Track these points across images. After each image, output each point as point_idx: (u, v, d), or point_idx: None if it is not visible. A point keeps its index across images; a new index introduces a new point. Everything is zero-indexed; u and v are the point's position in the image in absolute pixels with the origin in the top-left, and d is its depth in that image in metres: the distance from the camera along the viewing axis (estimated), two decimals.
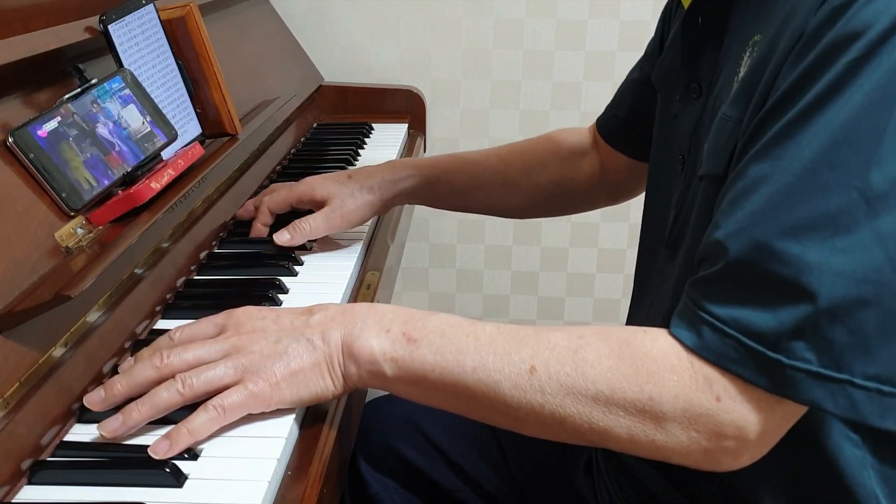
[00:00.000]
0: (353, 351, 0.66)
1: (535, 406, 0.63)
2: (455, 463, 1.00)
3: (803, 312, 0.55)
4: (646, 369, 0.60)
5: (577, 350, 0.62)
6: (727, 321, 0.58)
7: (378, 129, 1.58)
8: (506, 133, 1.81)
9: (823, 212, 0.55)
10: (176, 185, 0.87)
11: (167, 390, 0.65)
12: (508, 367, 0.63)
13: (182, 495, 0.60)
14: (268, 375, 0.65)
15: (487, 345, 0.64)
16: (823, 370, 0.56)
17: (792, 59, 0.59)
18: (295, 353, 0.66)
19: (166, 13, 1.00)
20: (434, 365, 0.65)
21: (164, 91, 0.97)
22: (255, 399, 0.65)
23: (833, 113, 0.55)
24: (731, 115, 0.65)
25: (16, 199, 0.72)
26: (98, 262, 0.71)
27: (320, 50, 1.73)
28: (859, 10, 0.55)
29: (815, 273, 0.55)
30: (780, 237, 0.56)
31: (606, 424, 0.61)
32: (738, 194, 0.59)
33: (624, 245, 1.87)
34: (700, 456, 0.61)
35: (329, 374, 0.67)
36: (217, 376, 0.65)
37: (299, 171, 1.32)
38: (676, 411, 0.59)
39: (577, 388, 0.61)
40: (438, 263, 1.92)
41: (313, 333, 0.67)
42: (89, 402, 0.67)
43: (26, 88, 0.79)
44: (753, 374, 0.57)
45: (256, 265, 0.97)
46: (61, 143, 0.77)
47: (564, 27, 1.73)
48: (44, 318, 0.67)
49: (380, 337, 0.66)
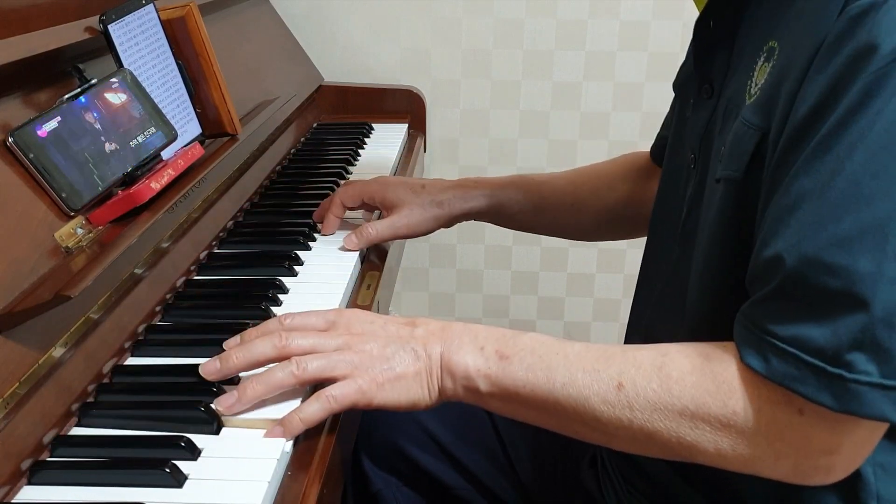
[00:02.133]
0: (450, 366, 0.70)
1: (623, 421, 0.64)
2: (458, 460, 1.00)
3: (859, 323, 0.55)
4: (728, 385, 0.61)
5: (661, 367, 0.64)
6: (787, 340, 0.58)
7: (378, 129, 1.58)
8: (506, 133, 1.81)
9: (870, 221, 0.55)
10: (176, 185, 0.87)
11: (283, 371, 0.68)
12: (597, 383, 0.65)
13: (182, 495, 0.60)
14: (375, 375, 0.69)
15: (576, 362, 0.66)
16: (885, 380, 0.56)
17: (815, 70, 0.59)
18: (400, 360, 0.70)
19: (166, 13, 1.00)
20: (525, 381, 0.67)
21: (163, 91, 0.97)
22: (362, 395, 0.68)
23: (867, 123, 0.56)
24: (753, 123, 0.65)
25: (16, 199, 0.72)
26: (98, 262, 0.71)
27: (320, 50, 1.73)
28: (879, 20, 0.56)
29: (867, 282, 0.55)
30: (828, 250, 0.56)
31: (694, 439, 0.63)
32: (782, 212, 0.59)
33: (624, 245, 1.87)
34: (789, 470, 0.62)
35: (427, 385, 0.70)
36: (331, 366, 0.69)
37: (299, 171, 1.32)
38: (761, 425, 0.60)
39: (663, 403, 0.63)
40: (438, 263, 1.92)
41: (417, 344, 0.71)
42: (205, 371, 0.70)
43: (26, 88, 0.79)
44: (815, 391, 0.57)
45: (256, 265, 0.97)
46: (61, 143, 0.77)
47: (564, 27, 1.73)
48: (44, 318, 0.67)
49: (475, 354, 0.69)
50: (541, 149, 1.82)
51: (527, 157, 1.82)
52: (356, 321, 0.73)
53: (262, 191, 1.21)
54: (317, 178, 1.29)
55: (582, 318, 1.95)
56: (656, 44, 1.74)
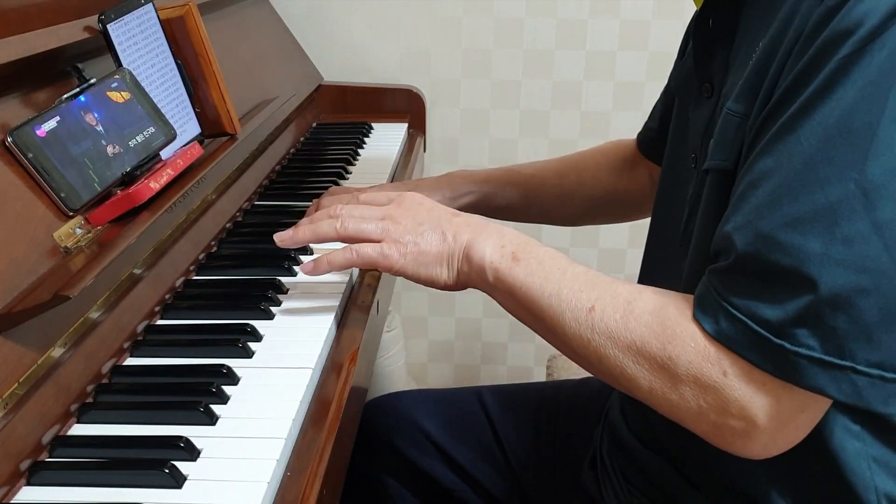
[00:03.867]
0: (470, 254, 0.77)
1: (584, 340, 0.69)
2: (456, 462, 1.01)
3: (805, 301, 0.58)
4: (671, 331, 0.65)
5: (630, 302, 0.68)
6: (741, 308, 0.61)
7: (378, 128, 1.58)
8: (506, 133, 1.81)
9: (823, 204, 0.57)
10: (175, 185, 0.87)
11: (328, 224, 0.81)
12: (575, 301, 0.70)
13: (182, 496, 0.60)
14: (401, 246, 0.78)
15: (568, 280, 0.71)
16: (826, 357, 0.58)
17: (793, 58, 0.61)
18: (429, 238, 0.78)
19: (165, 13, 1.00)
20: (522, 283, 0.73)
21: (163, 91, 0.97)
22: (384, 258, 0.78)
23: (829, 108, 0.58)
24: (736, 111, 0.67)
25: (15, 199, 0.72)
26: (97, 262, 0.71)
27: (320, 50, 1.72)
28: (852, 7, 0.57)
29: (816, 263, 0.57)
30: (782, 229, 0.58)
31: (633, 373, 0.67)
32: (745, 189, 0.62)
33: (624, 245, 1.87)
34: (709, 428, 0.64)
35: (447, 266, 0.78)
36: (366, 230, 0.80)
37: (299, 171, 1.32)
38: (689, 376, 0.64)
39: (618, 334, 0.67)
40: None
41: (449, 229, 0.78)
42: (280, 238, 0.84)
43: (25, 88, 0.79)
44: (759, 358, 0.60)
45: (256, 265, 0.97)
46: (60, 142, 0.77)
47: (564, 27, 1.73)
48: (43, 319, 0.67)
49: (493, 249, 0.76)
50: (541, 149, 1.82)
51: (527, 156, 1.82)
52: (409, 201, 0.82)
53: (261, 191, 1.21)
54: (316, 177, 1.29)
55: None
56: (656, 43, 1.74)
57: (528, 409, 1.03)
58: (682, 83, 0.86)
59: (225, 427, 0.68)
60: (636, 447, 0.83)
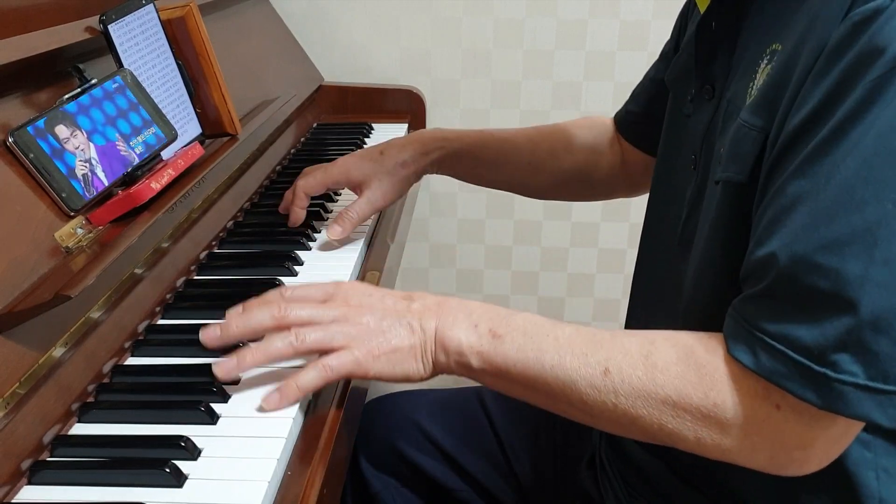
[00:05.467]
0: (444, 342, 0.71)
1: (608, 405, 0.66)
2: (457, 462, 1.01)
3: (846, 325, 0.56)
4: (710, 377, 0.63)
5: (647, 356, 0.65)
6: (776, 336, 0.59)
7: (378, 129, 1.58)
8: None
9: (861, 226, 0.56)
10: (176, 185, 0.87)
11: (282, 341, 0.70)
12: (585, 367, 0.66)
13: (182, 495, 0.60)
14: (371, 347, 0.71)
15: (566, 345, 0.68)
16: (871, 382, 0.56)
17: (816, 74, 0.59)
18: (396, 334, 0.72)
19: (166, 13, 1.00)
20: (516, 360, 0.69)
21: (163, 91, 0.97)
22: (358, 366, 0.70)
23: (864, 130, 0.56)
24: (753, 124, 0.65)
25: (15, 199, 0.72)
26: (98, 262, 0.71)
27: (320, 50, 1.73)
28: (882, 26, 0.56)
29: (856, 285, 0.56)
30: (819, 252, 0.57)
31: (675, 427, 0.64)
32: (778, 212, 0.60)
33: (624, 245, 1.87)
34: (765, 462, 0.63)
35: (421, 359, 0.72)
36: (328, 337, 0.71)
37: (299, 171, 1.32)
38: (739, 418, 0.62)
39: (647, 391, 0.64)
40: (438, 263, 1.92)
41: (413, 319, 0.72)
42: (205, 337, 0.72)
43: (27, 88, 0.79)
44: (801, 388, 0.58)
45: (256, 265, 0.97)
46: (61, 143, 0.77)
47: (564, 27, 1.73)
48: (44, 318, 0.67)
49: (468, 331, 0.71)
50: None
51: None
52: (354, 294, 0.75)
53: (262, 191, 1.21)
54: None
55: (582, 318, 1.95)
56: (656, 44, 1.73)
57: (527, 408, 1.03)
58: (677, 79, 0.86)
59: (226, 426, 0.68)
60: (634, 449, 0.83)
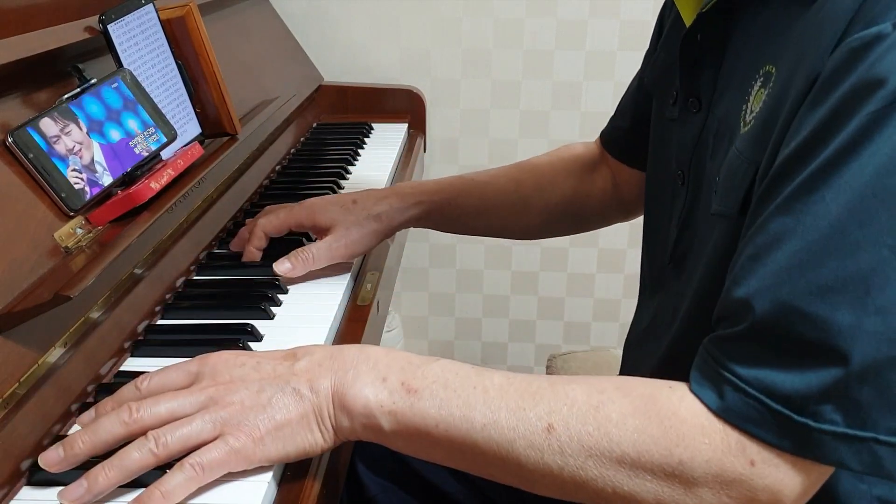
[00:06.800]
0: (345, 402, 0.61)
1: (552, 468, 0.58)
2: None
3: (833, 376, 0.53)
4: (675, 431, 0.56)
5: (598, 407, 0.58)
6: (751, 382, 0.55)
7: (378, 128, 1.58)
8: (506, 133, 1.81)
9: (854, 271, 0.52)
10: (175, 185, 0.87)
11: (138, 450, 0.58)
12: (523, 424, 0.58)
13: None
14: (250, 429, 0.59)
15: (498, 398, 0.60)
16: (849, 430, 0.53)
17: (809, 103, 0.56)
18: (280, 405, 0.60)
19: (166, 13, 1.00)
20: (438, 420, 0.60)
21: (163, 91, 0.97)
22: (236, 455, 0.59)
23: (859, 166, 0.52)
24: (747, 155, 0.62)
25: (15, 199, 0.72)
26: (97, 262, 0.71)
27: (320, 50, 1.73)
28: (883, 55, 0.52)
29: (847, 336, 0.52)
30: (807, 298, 0.53)
31: (631, 489, 0.57)
32: (759, 250, 0.56)
33: (624, 245, 1.87)
34: None
35: (318, 427, 0.62)
36: (194, 432, 0.59)
37: (299, 171, 1.32)
38: (708, 476, 0.56)
39: (600, 449, 0.57)
40: (438, 263, 1.92)
41: (300, 382, 0.62)
42: (45, 461, 0.60)
43: (26, 88, 0.79)
44: (776, 437, 0.55)
45: (256, 265, 0.97)
46: (61, 142, 0.77)
47: (564, 27, 1.73)
48: (43, 319, 0.67)
49: (375, 386, 0.61)
50: (541, 149, 1.80)
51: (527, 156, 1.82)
52: (223, 367, 0.63)
53: (261, 191, 1.21)
54: (316, 178, 1.29)
55: (582, 318, 1.96)
56: None
57: None
58: (657, 81, 0.82)
59: None
60: None
